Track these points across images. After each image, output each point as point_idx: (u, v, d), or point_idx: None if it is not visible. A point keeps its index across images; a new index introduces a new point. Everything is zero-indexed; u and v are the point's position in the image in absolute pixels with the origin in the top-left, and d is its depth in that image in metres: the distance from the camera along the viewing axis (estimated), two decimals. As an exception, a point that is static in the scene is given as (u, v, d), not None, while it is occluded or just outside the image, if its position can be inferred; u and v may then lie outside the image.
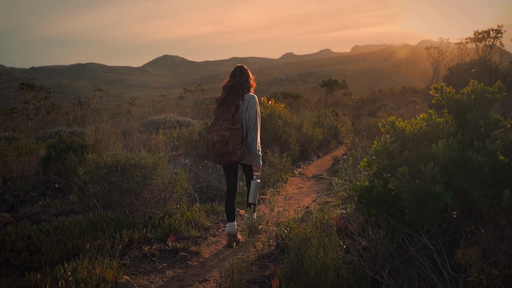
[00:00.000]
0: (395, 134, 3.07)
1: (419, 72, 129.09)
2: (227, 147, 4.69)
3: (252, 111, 4.89)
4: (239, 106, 4.89)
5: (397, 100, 40.82)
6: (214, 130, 4.84)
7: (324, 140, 14.84)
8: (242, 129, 4.82)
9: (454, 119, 2.85)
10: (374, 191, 2.66)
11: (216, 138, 4.74)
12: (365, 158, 2.96)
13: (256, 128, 4.90)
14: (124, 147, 10.65)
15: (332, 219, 5.47)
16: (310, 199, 7.61)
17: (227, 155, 4.74)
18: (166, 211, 5.68)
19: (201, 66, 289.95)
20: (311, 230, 3.45)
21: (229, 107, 4.86)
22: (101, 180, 5.38)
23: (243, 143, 4.86)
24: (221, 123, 4.81)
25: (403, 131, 3.05)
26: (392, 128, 3.11)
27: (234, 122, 4.76)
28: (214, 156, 4.91)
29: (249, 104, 4.90)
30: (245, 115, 4.88)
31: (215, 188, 7.60)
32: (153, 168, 5.48)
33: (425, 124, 2.88)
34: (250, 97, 4.96)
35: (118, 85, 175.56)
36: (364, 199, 2.72)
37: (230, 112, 4.82)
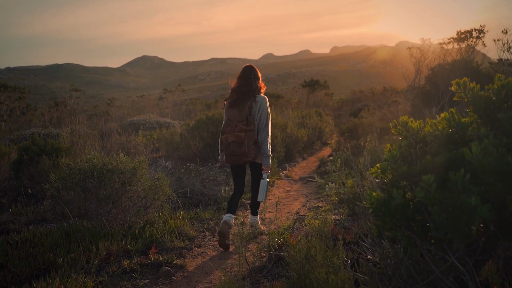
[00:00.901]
0: (409, 136, 2.71)
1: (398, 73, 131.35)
2: (243, 148, 4.81)
3: (263, 112, 5.00)
4: (252, 108, 4.97)
5: (378, 100, 40.81)
6: (228, 131, 4.92)
7: (309, 141, 14.50)
8: (255, 130, 4.94)
9: (480, 118, 2.50)
10: (392, 202, 2.29)
11: (231, 139, 4.84)
12: (378, 164, 2.59)
13: (267, 129, 5.02)
14: (102, 149, 10.15)
15: (327, 227, 5.11)
16: (299, 204, 7.24)
17: (242, 155, 4.86)
18: (147, 219, 5.25)
19: (181, 66, 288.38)
20: (313, 244, 3.05)
21: (242, 109, 4.94)
22: (76, 186, 4.92)
23: (256, 143, 4.98)
24: (235, 124, 4.89)
25: (417, 132, 2.69)
26: (405, 129, 2.75)
27: (248, 123, 4.88)
28: (227, 157, 4.99)
29: (261, 106, 5.01)
30: (257, 116, 4.98)
31: (199, 193, 7.18)
32: (132, 173, 5.04)
33: (447, 124, 2.51)
34: (262, 98, 5.07)
35: (96, 86, 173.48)
36: (380, 211, 2.34)
37: (244, 114, 4.91)
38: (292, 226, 5.16)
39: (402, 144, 2.63)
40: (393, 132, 2.91)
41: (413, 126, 2.71)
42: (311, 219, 5.79)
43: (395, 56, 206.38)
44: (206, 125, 10.73)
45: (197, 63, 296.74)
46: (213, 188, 7.31)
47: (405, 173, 2.39)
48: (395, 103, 25.52)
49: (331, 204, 6.74)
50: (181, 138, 11.16)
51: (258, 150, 5.02)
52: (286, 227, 5.22)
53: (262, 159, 5.09)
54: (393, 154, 2.45)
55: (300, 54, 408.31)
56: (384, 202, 2.31)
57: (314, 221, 5.56)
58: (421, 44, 24.61)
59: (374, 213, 2.38)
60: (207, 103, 38.61)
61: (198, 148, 10.71)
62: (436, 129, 2.54)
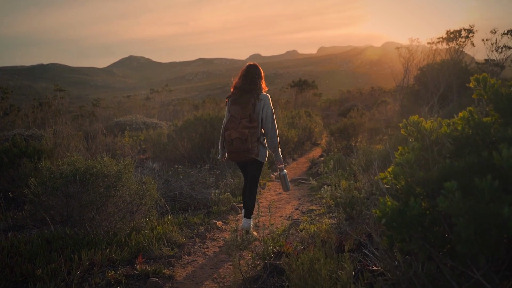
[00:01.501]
0: (422, 138, 2.47)
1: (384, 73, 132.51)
2: (246, 144, 4.83)
3: (268, 110, 5.03)
4: (255, 105, 4.99)
5: (365, 100, 40.78)
6: (231, 128, 4.93)
7: (299, 142, 14.26)
8: (258, 127, 4.96)
9: (502, 118, 2.26)
10: (409, 212, 2.04)
11: (235, 135, 4.85)
12: (389, 168, 2.34)
13: (274, 126, 5.05)
14: (86, 151, 9.81)
15: (323, 232, 4.86)
16: (292, 207, 6.99)
17: (245, 152, 4.88)
18: (134, 226, 4.95)
19: (168, 67, 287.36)
20: (317, 256, 2.79)
21: (245, 106, 4.95)
22: (57, 191, 4.61)
23: (259, 141, 5.01)
24: (238, 121, 4.92)
25: (430, 133, 2.45)
26: (416, 129, 2.50)
27: (252, 120, 4.89)
28: (230, 153, 5.02)
29: (265, 103, 5.03)
30: (262, 114, 5.01)
31: (188, 196, 6.88)
32: (117, 177, 4.74)
33: (466, 124, 2.27)
34: (265, 97, 5.09)
35: (82, 86, 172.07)
36: (395, 222, 2.09)
37: (248, 111, 4.92)
38: (287, 231, 4.90)
39: (415, 146, 2.39)
40: (403, 133, 2.67)
41: (425, 126, 2.47)
42: (306, 223, 5.54)
43: (381, 56, 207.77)
44: (194, 126, 10.44)
45: (184, 63, 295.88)
46: (202, 191, 7.03)
47: (421, 179, 2.14)
48: (384, 103, 25.42)
49: (325, 207, 6.50)
50: (169, 139, 10.86)
51: (261, 147, 5.07)
52: (281, 232, 4.96)
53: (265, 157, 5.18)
54: (408, 158, 2.21)
55: (287, 55, 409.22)
56: (400, 212, 2.06)
57: (310, 226, 5.32)
58: (409, 44, 24.57)
59: (388, 224, 2.13)
60: (194, 104, 38.26)
61: (186, 149, 10.42)
62: (454, 130, 2.29)
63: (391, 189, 2.46)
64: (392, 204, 2.09)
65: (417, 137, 2.53)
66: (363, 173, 6.82)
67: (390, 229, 2.14)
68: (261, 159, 5.11)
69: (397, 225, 2.09)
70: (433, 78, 20.25)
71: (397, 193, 2.35)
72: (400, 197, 2.26)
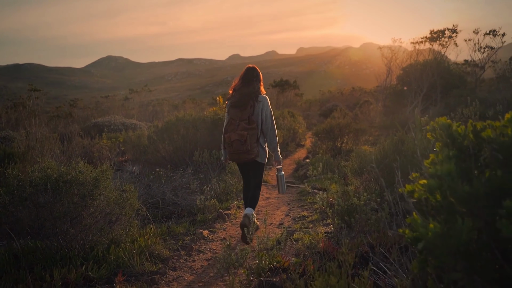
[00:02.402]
0: (452, 143, 2.09)
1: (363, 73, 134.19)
2: (246, 146, 4.90)
3: (267, 112, 5.14)
4: (254, 107, 5.07)
5: (346, 100, 40.72)
6: (231, 130, 5.03)
7: (283, 143, 13.89)
8: (257, 129, 5.04)
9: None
10: (455, 238, 1.66)
11: (234, 137, 4.94)
12: (421, 180, 1.96)
13: (274, 127, 5.19)
14: (62, 154, 9.28)
15: (320, 242, 4.48)
16: (281, 213, 6.59)
17: (245, 153, 4.96)
18: (112, 238, 4.49)
19: (147, 67, 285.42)
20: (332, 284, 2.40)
21: (244, 108, 5.04)
22: (26, 201, 4.13)
23: (258, 142, 5.08)
24: (237, 123, 4.99)
25: (464, 138, 2.07)
26: (447, 134, 2.12)
27: (250, 122, 4.97)
28: (231, 155, 5.11)
29: (264, 105, 5.13)
30: (261, 116, 5.10)
31: (171, 202, 6.42)
32: (94, 185, 4.28)
33: (516, 128, 1.89)
34: (264, 98, 5.19)
35: (60, 87, 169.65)
36: (438, 248, 1.71)
37: (246, 113, 5.01)
38: (282, 241, 4.49)
39: (450, 154, 2.01)
40: (429, 137, 2.29)
41: (459, 130, 2.09)
42: (300, 233, 5.15)
43: (360, 57, 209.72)
44: (176, 127, 9.98)
45: (164, 63, 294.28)
46: (186, 197, 6.58)
47: (466, 195, 1.76)
48: (367, 103, 25.22)
49: (317, 213, 6.12)
50: (149, 141, 10.38)
51: (260, 148, 5.14)
52: (274, 243, 4.55)
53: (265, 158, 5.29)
54: (449, 169, 1.82)
55: (267, 55, 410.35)
56: (442, 237, 1.68)
57: (305, 235, 4.93)
58: (391, 45, 24.42)
59: (428, 249, 1.74)
60: (174, 104, 37.67)
61: (168, 152, 9.95)
62: (500, 134, 1.91)
63: (416, 203, 2.08)
64: (436, 227, 1.70)
65: (446, 143, 2.15)
66: (356, 177, 6.45)
67: (431, 255, 1.75)
68: (261, 160, 5.21)
69: (440, 252, 1.70)
70: (416, 78, 20.10)
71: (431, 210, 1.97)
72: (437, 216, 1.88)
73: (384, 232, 4.51)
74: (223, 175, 8.09)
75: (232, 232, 5.62)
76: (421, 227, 1.73)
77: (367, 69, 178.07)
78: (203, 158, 8.51)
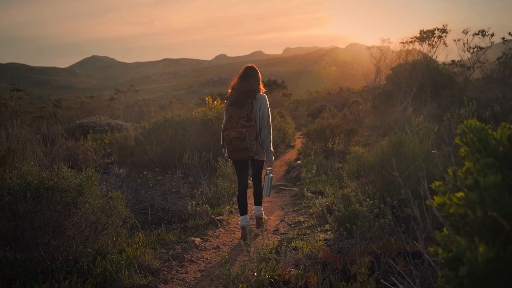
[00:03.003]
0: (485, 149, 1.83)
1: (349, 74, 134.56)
2: (245, 143, 4.96)
3: (265, 110, 5.20)
4: (253, 105, 5.13)
5: (334, 100, 40.63)
6: (230, 128, 5.06)
7: (273, 144, 13.62)
8: (256, 126, 5.10)
9: None
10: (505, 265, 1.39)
11: (233, 134, 4.98)
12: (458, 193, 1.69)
13: (269, 126, 5.24)
14: (45, 157, 8.90)
15: (321, 251, 4.22)
16: (276, 218, 6.31)
17: (244, 150, 5.01)
18: (98, 249, 4.17)
19: (133, 67, 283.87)
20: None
21: (242, 106, 5.10)
22: (3, 211, 3.80)
23: (257, 139, 5.16)
24: (236, 120, 5.04)
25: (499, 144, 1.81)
26: (480, 139, 1.86)
27: (249, 119, 5.03)
28: (230, 152, 5.13)
29: (262, 103, 5.20)
30: (258, 114, 5.15)
31: (160, 208, 6.10)
32: (78, 192, 3.96)
33: None
34: (262, 97, 5.27)
35: (44, 87, 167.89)
36: (487, 277, 1.44)
37: (245, 111, 5.06)
38: (283, 255, 4.21)
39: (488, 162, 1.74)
40: (458, 142, 2.03)
41: (495, 135, 1.83)
42: (298, 240, 4.87)
43: (346, 57, 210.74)
44: (164, 128, 9.66)
45: (149, 63, 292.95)
46: (176, 202, 6.27)
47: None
48: (355, 103, 25.07)
49: (314, 218, 5.85)
50: (136, 143, 10.04)
51: (259, 146, 5.21)
52: (271, 251, 4.27)
53: (264, 155, 5.35)
54: (495, 181, 1.55)
55: (253, 55, 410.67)
56: (498, 262, 1.41)
57: (303, 243, 4.66)
58: (380, 45, 24.30)
59: (473, 275, 1.47)
60: (161, 104, 37.25)
61: (156, 154, 9.62)
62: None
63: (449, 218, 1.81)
64: (486, 251, 1.43)
65: (477, 148, 1.89)
66: (353, 179, 6.20)
67: (478, 283, 1.48)
68: (260, 158, 5.30)
69: (491, 279, 1.43)
70: (406, 78, 19.97)
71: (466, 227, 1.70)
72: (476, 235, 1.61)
73: (388, 240, 4.26)
74: (214, 178, 7.79)
75: (225, 240, 5.33)
76: (467, 250, 1.46)
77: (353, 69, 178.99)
78: (193, 161, 8.21)
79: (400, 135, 6.30)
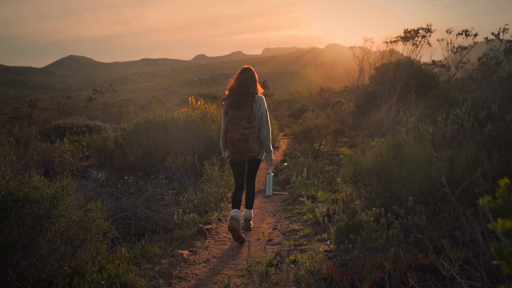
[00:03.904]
0: None
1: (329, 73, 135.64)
2: (248, 144, 5.02)
3: (263, 111, 5.26)
4: (252, 106, 5.17)
5: (315, 100, 40.46)
6: (232, 129, 5.07)
7: (258, 145, 13.23)
8: (257, 127, 5.17)
9: None
10: None
11: (237, 136, 5.01)
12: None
13: (267, 126, 5.29)
14: (17, 161, 8.35)
15: (324, 266, 3.83)
16: (268, 226, 5.90)
17: (247, 151, 5.08)
18: (76, 267, 3.70)
19: (111, 67, 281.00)
20: None
21: (242, 108, 5.12)
22: (-35, 227, 3.31)
23: (258, 140, 5.26)
24: (238, 122, 5.06)
25: None
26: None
27: (250, 121, 5.08)
28: (232, 154, 5.19)
29: (260, 104, 5.26)
30: (258, 115, 5.21)
31: (144, 217, 5.62)
32: (52, 204, 3.49)
33: None
34: (260, 98, 5.32)
35: (19, 87, 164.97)
36: None
37: (245, 112, 5.10)
38: (283, 270, 3.80)
39: None
40: None
41: None
42: (296, 252, 4.46)
43: (325, 57, 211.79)
44: (145, 130, 9.17)
45: (128, 63, 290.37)
46: (161, 210, 5.80)
47: None
48: (339, 103, 24.82)
49: (309, 226, 5.46)
50: (116, 145, 9.53)
51: (260, 146, 5.29)
52: (267, 265, 3.85)
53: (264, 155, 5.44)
54: None
55: (232, 55, 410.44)
56: None
57: (302, 255, 4.26)
58: (362, 44, 24.09)
59: None
60: (140, 105, 36.55)
61: (137, 157, 9.13)
62: None
63: None
64: None
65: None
66: (350, 184, 5.82)
67: None
68: (260, 157, 5.40)
69: None
70: (390, 78, 19.76)
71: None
72: None
73: (396, 251, 3.88)
74: (200, 183, 7.35)
75: (215, 251, 4.90)
76: None
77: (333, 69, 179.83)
78: (177, 164, 7.75)
79: (398, 137, 5.96)
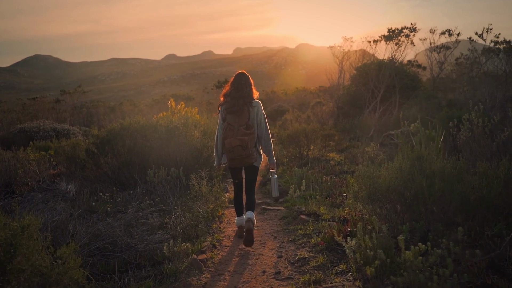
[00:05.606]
0: None
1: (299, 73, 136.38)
2: (247, 151, 4.94)
3: (262, 116, 5.22)
4: (249, 112, 5.10)
5: (291, 101, 39.78)
6: (230, 136, 4.99)
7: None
8: (255, 133, 5.10)
9: None
10: None
11: (236, 143, 4.91)
12: None
13: (267, 131, 5.25)
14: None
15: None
16: (271, 253, 5.03)
17: (246, 158, 5.00)
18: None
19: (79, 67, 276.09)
20: None
21: (240, 114, 5.05)
22: None
23: (256, 146, 5.19)
24: (236, 128, 5.00)
25: None
26: None
27: (248, 127, 5.03)
28: (231, 161, 5.08)
29: (258, 110, 5.19)
30: (256, 121, 5.14)
31: (124, 246, 4.69)
32: (8, 255, 2.57)
33: None
34: (258, 103, 5.23)
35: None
36: None
37: (244, 119, 5.05)
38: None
39: None
40: None
41: None
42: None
43: (295, 57, 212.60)
44: (121, 137, 8.20)
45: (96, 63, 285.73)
46: (146, 237, 4.86)
47: None
48: (319, 104, 24.14)
49: (322, 254, 4.64)
50: (88, 155, 8.52)
51: (256, 152, 5.19)
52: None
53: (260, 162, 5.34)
54: None
55: (203, 55, 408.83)
56: None
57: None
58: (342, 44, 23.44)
59: None
60: (110, 106, 35.23)
61: (112, 168, 8.15)
62: None
63: None
64: None
65: None
66: (368, 204, 5.01)
67: None
68: (257, 164, 5.29)
69: None
70: (373, 79, 19.15)
71: None
72: None
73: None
74: (186, 199, 6.45)
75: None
76: None
77: (303, 69, 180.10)
78: (159, 178, 6.84)
79: (418, 149, 5.22)
